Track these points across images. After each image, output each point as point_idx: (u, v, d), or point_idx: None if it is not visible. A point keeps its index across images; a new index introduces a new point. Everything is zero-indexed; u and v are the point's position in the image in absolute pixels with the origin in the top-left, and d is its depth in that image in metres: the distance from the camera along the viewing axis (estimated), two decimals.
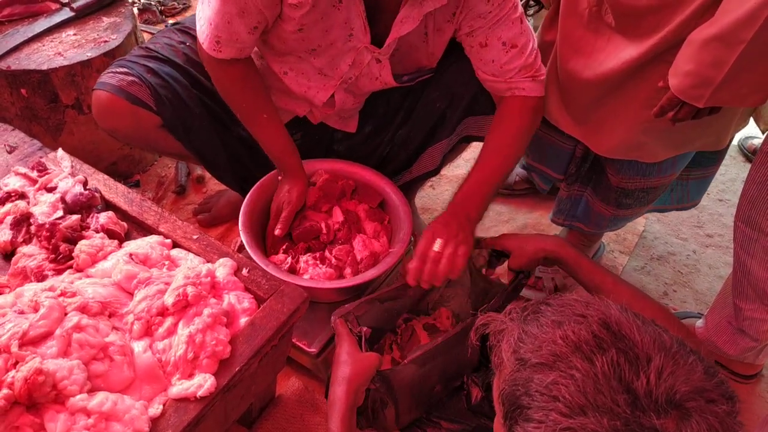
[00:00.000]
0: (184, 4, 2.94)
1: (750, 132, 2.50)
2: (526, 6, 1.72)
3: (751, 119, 1.61)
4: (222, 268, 1.27)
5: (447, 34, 1.50)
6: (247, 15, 1.35)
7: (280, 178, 1.62)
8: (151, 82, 1.53)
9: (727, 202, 2.35)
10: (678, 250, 2.17)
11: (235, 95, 1.53)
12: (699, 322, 1.80)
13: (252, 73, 1.52)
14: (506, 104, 1.53)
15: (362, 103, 1.68)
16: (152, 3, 2.84)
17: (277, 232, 1.57)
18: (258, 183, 1.62)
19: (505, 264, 1.49)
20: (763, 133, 1.58)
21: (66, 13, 2.00)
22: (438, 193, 2.26)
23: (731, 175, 2.48)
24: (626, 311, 0.75)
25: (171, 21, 2.80)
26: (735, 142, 2.62)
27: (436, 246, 1.37)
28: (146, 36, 2.49)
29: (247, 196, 1.60)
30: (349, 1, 1.35)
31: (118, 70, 1.54)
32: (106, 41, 1.92)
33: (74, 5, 2.00)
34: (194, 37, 1.62)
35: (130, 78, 1.53)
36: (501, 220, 2.18)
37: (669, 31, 1.30)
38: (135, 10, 2.59)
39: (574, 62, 1.50)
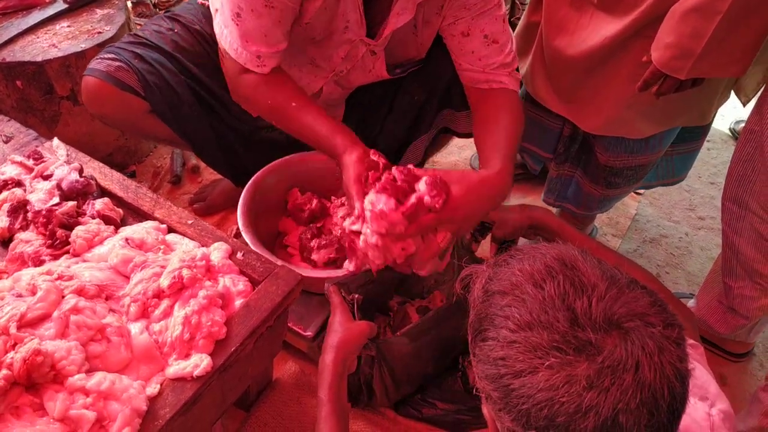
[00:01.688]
0: None
1: (742, 116, 2.52)
2: None
3: (732, 93, 1.63)
4: (217, 252, 1.29)
5: (434, 26, 1.51)
6: (282, 21, 1.35)
7: (339, 165, 1.35)
8: (139, 67, 1.55)
9: (719, 185, 2.37)
10: (670, 233, 2.19)
11: (261, 100, 1.42)
12: (691, 302, 1.82)
13: (284, 76, 1.44)
14: (490, 97, 1.50)
15: (348, 93, 1.70)
16: None
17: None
18: (252, 179, 1.63)
19: (489, 239, 1.50)
20: (744, 105, 1.60)
21: (59, 5, 2.01)
22: None
23: (723, 159, 2.50)
24: (585, 253, 0.80)
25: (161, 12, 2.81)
26: (727, 125, 2.64)
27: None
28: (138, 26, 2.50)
29: (242, 195, 1.60)
30: None
31: (106, 56, 1.56)
32: (99, 32, 1.93)
33: None
34: (183, 24, 1.64)
35: (118, 63, 1.54)
36: None
37: (649, 5, 1.32)
38: (129, 4, 2.60)
39: (558, 40, 1.52)
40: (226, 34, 1.38)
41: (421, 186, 1.20)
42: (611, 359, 0.70)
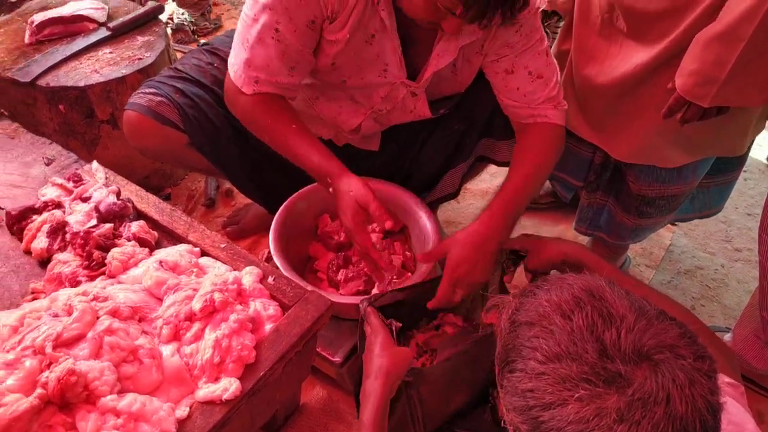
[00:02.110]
0: (215, 24, 3.02)
1: None
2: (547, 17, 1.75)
3: None
4: (248, 276, 1.30)
5: (476, 64, 1.52)
6: (287, 56, 1.38)
7: (330, 190, 1.44)
8: (179, 102, 1.58)
9: (756, 217, 2.32)
10: (706, 264, 2.15)
11: (259, 118, 1.47)
12: (727, 336, 1.78)
13: (279, 100, 1.48)
14: (531, 131, 1.52)
15: (386, 128, 1.71)
16: (185, 23, 2.93)
17: (388, 225, 1.35)
18: (284, 205, 1.65)
19: (524, 271, 1.49)
20: None
21: (102, 33, 2.07)
22: (463, 206, 2.28)
23: (761, 189, 2.45)
24: (613, 284, 0.80)
25: (202, 41, 2.88)
26: (764, 155, 2.59)
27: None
28: (179, 55, 2.57)
29: (274, 220, 1.62)
30: (382, 36, 1.39)
31: (147, 90, 1.60)
32: (140, 59, 1.99)
33: (110, 25, 2.07)
34: (222, 59, 1.67)
35: (159, 98, 1.58)
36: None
37: (678, 35, 1.31)
38: (168, 30, 2.67)
39: (588, 69, 1.51)
40: (232, 55, 1.44)
41: None
42: (641, 392, 0.70)
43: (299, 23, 1.35)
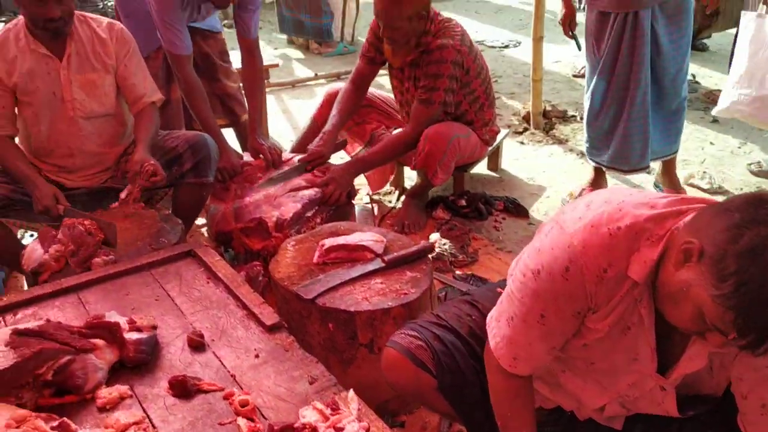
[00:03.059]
0: (472, 258, 3.22)
1: None
2: None
3: None
4: None
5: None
6: (550, 338, 1.45)
7: None
8: (436, 348, 1.70)
9: None
10: None
11: (502, 404, 1.58)
12: None
13: (527, 389, 1.57)
14: None
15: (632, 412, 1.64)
16: (445, 253, 3.17)
17: None
18: None
19: None
20: None
21: (378, 264, 2.32)
22: None
23: None
24: None
25: (458, 272, 3.08)
26: None
27: None
28: (436, 283, 2.75)
29: None
30: (638, 329, 1.39)
31: (409, 332, 1.75)
32: (405, 293, 2.17)
33: (386, 257, 2.32)
34: (481, 313, 1.77)
35: (418, 342, 1.72)
36: None
37: None
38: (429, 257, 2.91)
39: None
40: (494, 325, 1.53)
41: None
42: None
43: (566, 312, 1.40)
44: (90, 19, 2.84)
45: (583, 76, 5.43)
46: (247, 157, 3.45)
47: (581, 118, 4.75)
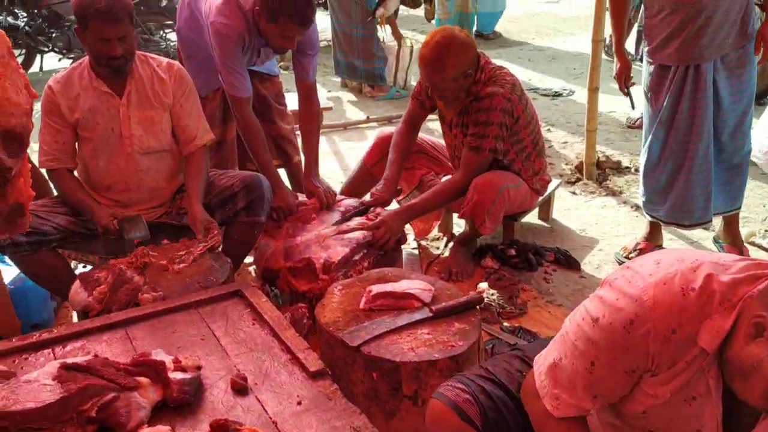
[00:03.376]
0: (521, 309, 3.14)
1: None
2: None
3: None
4: None
5: None
6: (595, 388, 1.41)
7: None
8: (483, 403, 1.66)
9: None
10: None
11: None
12: None
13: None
14: None
15: None
16: (493, 304, 3.10)
17: None
18: None
19: None
20: None
21: (425, 313, 2.28)
22: None
23: None
24: None
25: (506, 324, 3.00)
26: None
27: None
28: (483, 335, 2.68)
29: None
30: (704, 400, 1.33)
31: (456, 385, 1.71)
32: (452, 346, 2.12)
33: (433, 307, 2.28)
34: (528, 365, 1.72)
35: (466, 395, 1.67)
36: None
37: None
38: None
39: None
40: (540, 363, 1.54)
41: None
42: None
43: (618, 367, 1.35)
44: (150, 59, 2.97)
45: (638, 127, 5.36)
46: (301, 197, 3.48)
47: (636, 170, 4.67)
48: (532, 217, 4.08)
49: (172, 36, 7.32)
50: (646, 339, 1.29)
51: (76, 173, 3.00)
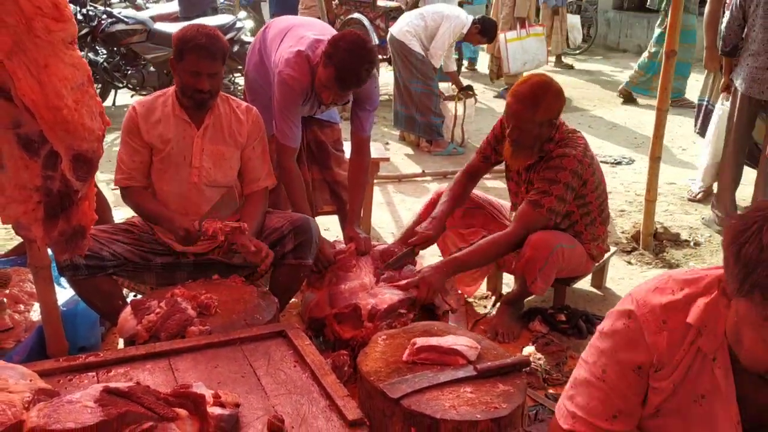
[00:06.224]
0: (568, 377, 3.03)
1: None
2: None
3: None
4: None
5: None
6: (610, 399, 1.46)
7: None
8: None
9: None
10: None
11: None
12: None
13: None
14: None
15: None
16: (538, 369, 3.00)
17: None
18: None
19: None
20: None
21: (469, 371, 2.22)
22: None
23: None
24: None
25: (551, 391, 2.90)
26: None
27: None
28: (528, 400, 2.59)
29: None
30: (714, 398, 1.33)
31: None
32: (496, 407, 2.05)
33: (478, 366, 2.22)
34: None
35: None
36: None
37: None
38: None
39: None
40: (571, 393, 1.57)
41: None
42: None
43: (626, 366, 1.42)
44: (231, 100, 3.11)
45: (699, 201, 5.23)
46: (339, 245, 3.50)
47: (695, 244, 4.53)
48: (584, 284, 3.98)
49: (240, 80, 7.59)
50: (641, 331, 1.44)
51: None
